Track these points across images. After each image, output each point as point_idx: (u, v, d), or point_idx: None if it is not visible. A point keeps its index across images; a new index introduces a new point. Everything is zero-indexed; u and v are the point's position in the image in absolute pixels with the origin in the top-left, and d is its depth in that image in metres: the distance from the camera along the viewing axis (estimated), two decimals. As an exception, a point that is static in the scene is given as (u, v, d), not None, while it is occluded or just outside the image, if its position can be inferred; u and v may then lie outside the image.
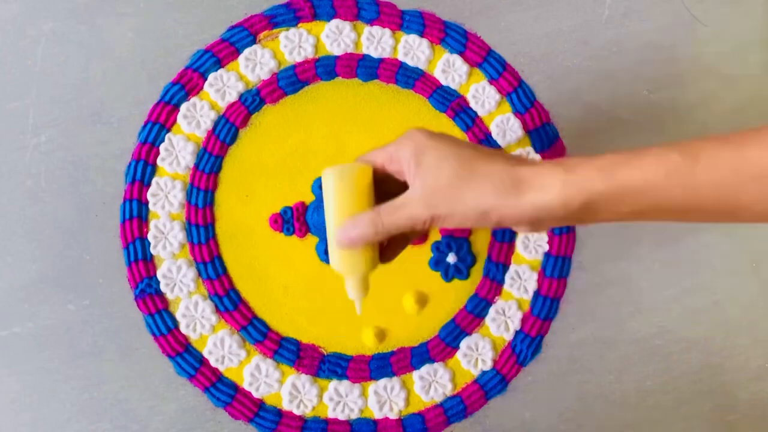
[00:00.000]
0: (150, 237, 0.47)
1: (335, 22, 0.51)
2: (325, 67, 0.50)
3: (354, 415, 0.47)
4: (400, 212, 0.36)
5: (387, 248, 0.40)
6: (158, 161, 0.48)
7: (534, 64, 0.52)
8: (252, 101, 0.49)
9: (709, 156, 0.32)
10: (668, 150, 0.33)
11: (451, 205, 0.35)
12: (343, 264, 0.39)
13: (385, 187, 0.38)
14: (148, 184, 0.48)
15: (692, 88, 0.53)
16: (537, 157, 0.51)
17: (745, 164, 0.32)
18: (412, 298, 0.48)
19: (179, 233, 0.48)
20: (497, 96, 0.51)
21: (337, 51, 0.51)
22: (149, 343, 0.46)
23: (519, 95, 0.51)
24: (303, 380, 0.47)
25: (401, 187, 0.37)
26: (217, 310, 0.47)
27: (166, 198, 0.48)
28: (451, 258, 0.49)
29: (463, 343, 0.48)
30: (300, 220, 0.48)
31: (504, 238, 0.50)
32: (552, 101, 0.51)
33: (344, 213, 0.37)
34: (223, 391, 0.46)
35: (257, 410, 0.46)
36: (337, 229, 0.37)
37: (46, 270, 0.47)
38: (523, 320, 0.49)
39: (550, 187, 0.33)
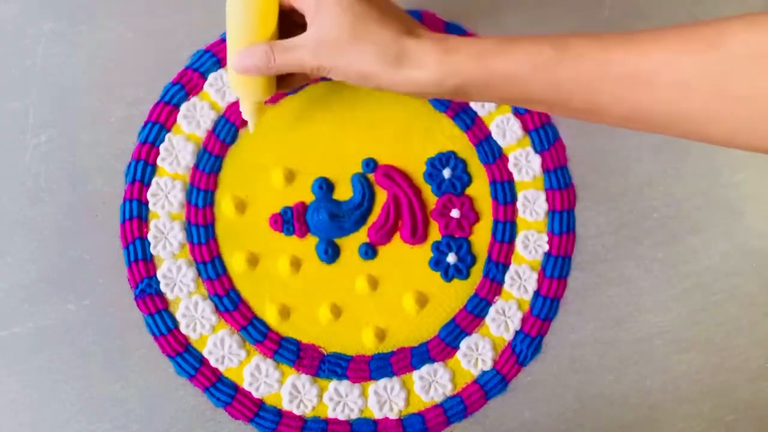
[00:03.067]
0: (150, 237, 0.47)
1: (335, 22, 0.51)
2: (325, 67, 0.50)
3: (354, 415, 0.47)
4: (291, 53, 0.37)
5: (286, 77, 0.42)
6: (158, 161, 0.48)
7: (534, 64, 0.52)
8: (252, 101, 0.49)
9: (576, 53, 0.33)
10: (541, 42, 0.34)
11: (334, 60, 0.36)
12: (239, 88, 0.41)
13: (292, 17, 0.39)
14: (148, 184, 0.48)
15: (692, 88, 0.53)
16: (537, 159, 0.51)
17: (606, 65, 0.32)
18: (412, 298, 0.48)
19: (179, 233, 0.48)
20: (497, 96, 0.51)
21: (337, 51, 0.51)
22: (149, 343, 0.46)
23: (519, 95, 0.51)
24: (303, 380, 0.47)
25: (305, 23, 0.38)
26: (217, 310, 0.47)
27: (166, 198, 0.48)
28: (451, 258, 0.49)
29: (463, 343, 0.48)
30: (300, 220, 0.48)
31: (504, 238, 0.50)
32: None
33: (244, 39, 0.38)
34: (223, 391, 0.46)
35: (257, 410, 0.46)
36: (233, 55, 0.39)
37: (46, 270, 0.47)
38: (523, 320, 0.49)
39: (426, 66, 0.35)
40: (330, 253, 0.48)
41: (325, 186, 0.49)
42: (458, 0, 0.52)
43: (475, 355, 0.48)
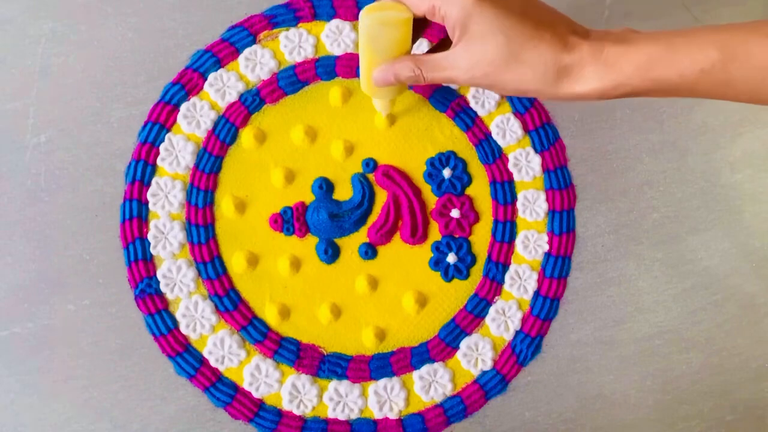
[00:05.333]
0: (150, 237, 0.47)
1: (335, 22, 0.51)
2: (325, 67, 0.50)
3: (354, 415, 0.47)
4: (441, 72, 0.38)
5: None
6: (158, 161, 0.48)
7: (534, 64, 0.52)
8: (252, 101, 0.49)
9: (744, 55, 0.33)
10: (706, 47, 0.34)
11: (491, 82, 0.37)
12: (375, 91, 0.44)
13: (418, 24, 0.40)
14: (148, 184, 0.48)
15: (692, 88, 0.53)
16: (537, 159, 0.51)
17: None
18: (412, 298, 0.48)
19: (179, 233, 0.48)
20: (497, 96, 0.51)
21: (337, 51, 0.51)
22: (149, 343, 0.46)
23: (519, 95, 0.51)
24: (303, 380, 0.47)
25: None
26: (217, 310, 0.47)
27: (166, 198, 0.48)
28: (451, 258, 0.49)
29: (463, 343, 0.48)
30: (300, 220, 0.48)
31: (504, 238, 0.50)
32: (552, 101, 0.51)
33: (381, 58, 0.40)
34: (223, 391, 0.46)
35: (257, 410, 0.46)
36: (375, 70, 0.41)
37: (46, 270, 0.47)
38: (523, 320, 0.49)
39: (588, 82, 0.35)
40: (330, 253, 0.48)
41: (325, 186, 0.49)
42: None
43: (475, 355, 0.48)
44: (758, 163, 0.52)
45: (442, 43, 0.42)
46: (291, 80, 0.50)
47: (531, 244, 0.50)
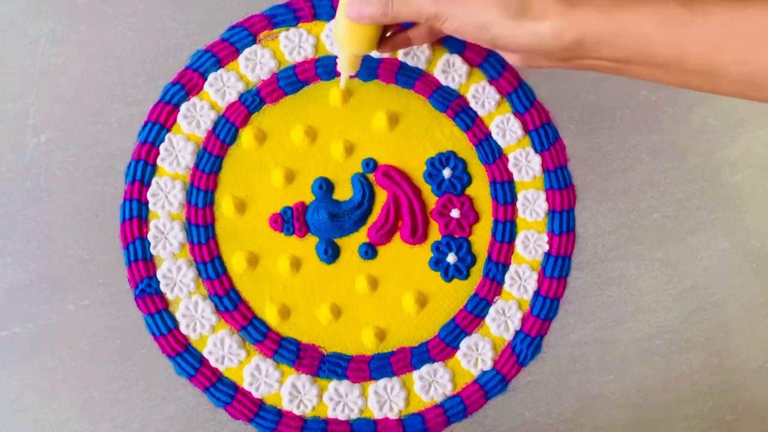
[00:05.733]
0: (150, 237, 0.47)
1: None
2: (325, 67, 0.50)
3: (354, 415, 0.47)
4: (410, 3, 0.37)
5: (388, 38, 0.43)
6: (158, 161, 0.48)
7: (534, 64, 0.52)
8: (252, 101, 0.49)
9: (704, 8, 0.32)
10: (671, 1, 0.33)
11: (456, 9, 0.36)
12: (345, 36, 0.42)
13: None
14: (148, 184, 0.48)
15: (692, 88, 0.53)
16: (537, 159, 0.51)
17: (735, 22, 0.32)
18: (412, 298, 0.48)
19: (179, 233, 0.48)
20: (497, 96, 0.51)
21: (337, 51, 0.51)
22: (149, 343, 0.46)
23: (519, 95, 0.51)
24: (303, 380, 0.47)
25: None
26: (217, 310, 0.47)
27: (166, 198, 0.48)
28: (451, 258, 0.49)
29: (463, 343, 0.48)
30: (300, 220, 0.48)
31: (504, 238, 0.50)
32: (552, 101, 0.51)
33: None
34: (223, 391, 0.46)
35: (257, 410, 0.46)
36: (348, 4, 0.40)
37: (46, 270, 0.47)
38: (523, 320, 0.49)
39: (548, 16, 0.34)
40: (330, 253, 0.48)
41: (325, 186, 0.49)
42: None
43: (475, 355, 0.48)
44: (758, 163, 0.52)
45: None
46: (291, 80, 0.50)
47: (531, 244, 0.50)
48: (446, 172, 0.50)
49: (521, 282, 0.49)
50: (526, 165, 0.51)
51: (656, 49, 0.34)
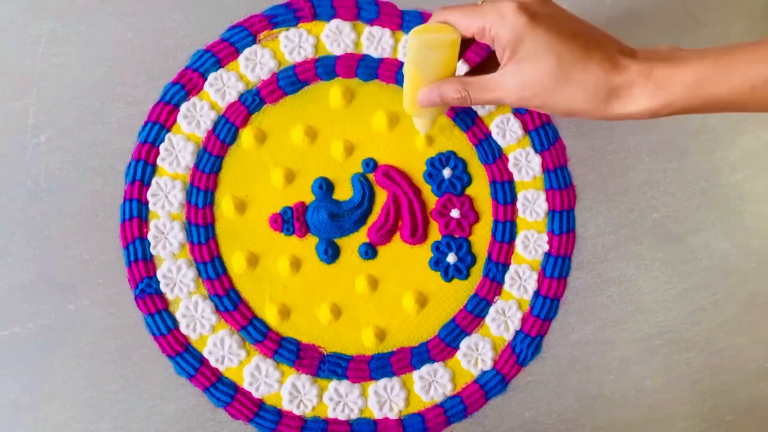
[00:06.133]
0: (150, 237, 0.47)
1: (335, 22, 0.51)
2: (325, 67, 0.50)
3: (354, 415, 0.47)
4: (490, 93, 0.38)
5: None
6: (158, 161, 0.48)
7: (534, 64, 0.52)
8: (252, 101, 0.49)
9: None
10: (756, 63, 0.34)
11: (540, 103, 0.37)
12: (418, 111, 0.43)
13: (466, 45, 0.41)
14: (148, 184, 0.48)
15: (692, 88, 0.53)
16: (537, 159, 0.51)
17: None
18: (412, 298, 0.48)
19: (179, 233, 0.48)
20: (497, 96, 0.51)
21: (337, 51, 0.51)
22: (149, 343, 0.46)
23: (519, 95, 0.51)
24: (303, 380, 0.47)
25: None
26: (217, 310, 0.47)
27: (166, 198, 0.48)
28: (451, 258, 0.49)
29: (463, 343, 0.48)
30: (300, 220, 0.48)
31: (504, 238, 0.50)
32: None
33: (427, 79, 0.40)
34: (223, 391, 0.46)
35: (257, 410, 0.46)
36: (421, 91, 0.41)
37: (46, 270, 0.47)
38: (523, 320, 0.49)
39: (639, 101, 0.35)
40: (330, 253, 0.48)
41: (325, 186, 0.49)
42: (458, 0, 0.52)
43: (475, 355, 0.48)
44: (758, 163, 0.52)
45: (483, 64, 0.42)
46: (291, 80, 0.50)
47: (531, 244, 0.50)
48: (446, 172, 0.50)
49: (521, 282, 0.49)
50: (526, 165, 0.51)
51: (750, 106, 0.35)
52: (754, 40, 0.35)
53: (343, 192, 0.49)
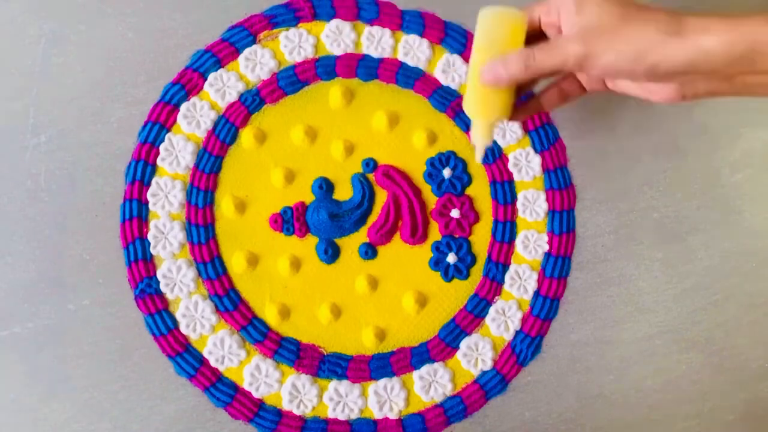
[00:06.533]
0: (150, 237, 0.47)
1: (335, 22, 0.51)
2: (325, 67, 0.50)
3: (354, 415, 0.47)
4: (554, 51, 0.35)
5: (520, 106, 0.41)
6: (158, 161, 0.48)
7: (534, 64, 0.52)
8: (252, 101, 0.49)
9: None
10: None
11: (609, 41, 0.34)
12: (478, 105, 0.39)
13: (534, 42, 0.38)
14: (148, 184, 0.48)
15: (692, 88, 0.53)
16: (537, 159, 0.51)
17: None
18: (412, 298, 0.48)
19: (179, 233, 0.48)
20: (497, 96, 0.51)
21: (337, 51, 0.51)
22: (149, 343, 0.46)
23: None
24: (303, 380, 0.47)
25: None
26: (217, 310, 0.47)
27: (166, 198, 0.48)
28: (451, 258, 0.49)
29: (463, 343, 0.48)
30: (300, 220, 0.48)
31: (504, 238, 0.50)
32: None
33: (494, 54, 0.37)
34: (223, 391, 0.46)
35: (257, 410, 0.46)
36: (483, 66, 0.37)
37: (46, 270, 0.47)
38: (523, 320, 0.49)
39: (715, 30, 0.33)
40: (330, 253, 0.48)
41: (325, 186, 0.49)
42: (458, 0, 0.52)
43: (475, 355, 0.48)
44: (758, 163, 0.52)
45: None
46: (291, 80, 0.50)
47: (531, 244, 0.50)
48: (446, 172, 0.50)
49: (521, 282, 0.49)
50: (526, 165, 0.51)
51: None
52: None
53: (343, 192, 0.49)
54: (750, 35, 0.33)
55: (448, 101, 0.51)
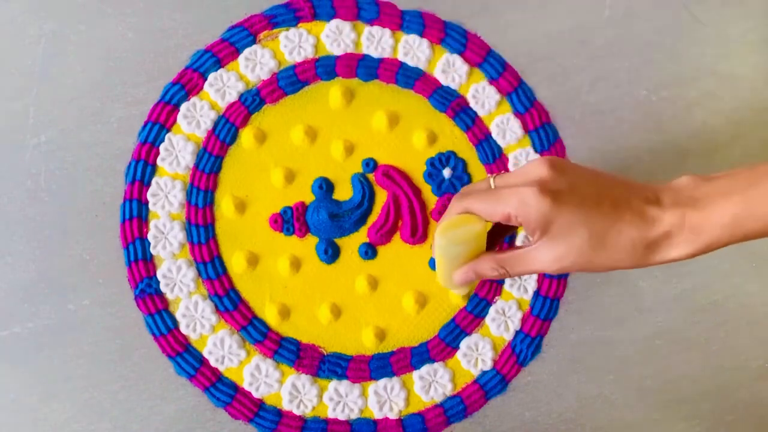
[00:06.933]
0: (150, 237, 0.47)
1: (335, 22, 0.51)
2: (325, 67, 0.50)
3: (354, 415, 0.47)
4: (528, 266, 0.38)
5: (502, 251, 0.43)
6: (158, 161, 0.48)
7: (534, 64, 0.52)
8: (252, 101, 0.49)
9: None
10: None
11: (581, 268, 0.37)
12: (453, 287, 0.45)
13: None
14: (148, 184, 0.48)
15: (692, 88, 0.53)
16: (537, 157, 0.51)
17: None
18: (412, 298, 0.48)
19: (179, 233, 0.48)
20: (497, 96, 0.51)
21: (337, 51, 0.51)
22: (149, 343, 0.46)
23: (519, 95, 0.51)
24: (303, 380, 0.47)
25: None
26: (217, 310, 0.47)
27: (166, 198, 0.48)
28: (451, 258, 0.49)
29: (463, 343, 0.48)
30: (300, 220, 0.48)
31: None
32: (552, 101, 0.51)
33: (459, 265, 0.41)
34: (223, 391, 0.46)
35: (257, 410, 0.46)
36: (456, 273, 0.41)
37: (46, 270, 0.47)
38: (523, 320, 0.49)
39: (682, 247, 0.36)
40: (330, 253, 0.48)
41: (325, 186, 0.49)
42: (458, 0, 0.52)
43: (475, 355, 0.48)
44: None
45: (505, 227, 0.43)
46: (291, 80, 0.50)
47: (531, 244, 0.50)
48: (446, 172, 0.50)
49: (521, 282, 0.49)
50: (526, 165, 0.51)
51: None
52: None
53: (343, 192, 0.49)
54: (711, 246, 0.36)
55: (448, 101, 0.51)
